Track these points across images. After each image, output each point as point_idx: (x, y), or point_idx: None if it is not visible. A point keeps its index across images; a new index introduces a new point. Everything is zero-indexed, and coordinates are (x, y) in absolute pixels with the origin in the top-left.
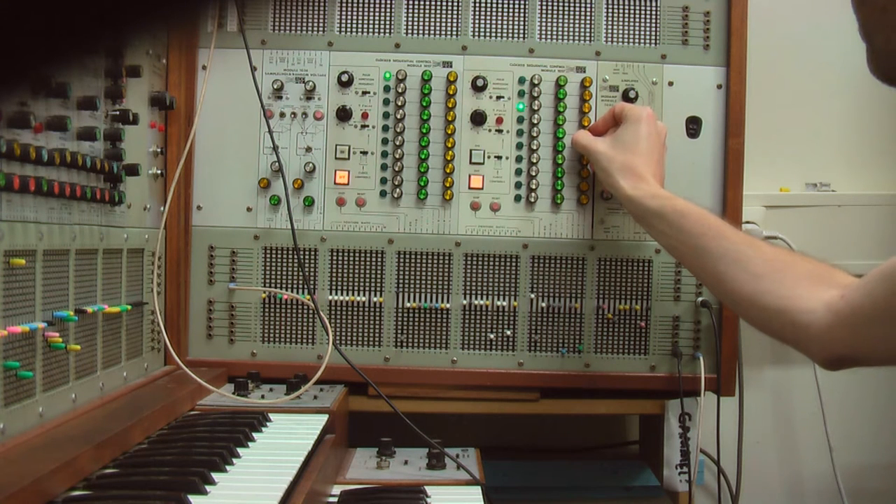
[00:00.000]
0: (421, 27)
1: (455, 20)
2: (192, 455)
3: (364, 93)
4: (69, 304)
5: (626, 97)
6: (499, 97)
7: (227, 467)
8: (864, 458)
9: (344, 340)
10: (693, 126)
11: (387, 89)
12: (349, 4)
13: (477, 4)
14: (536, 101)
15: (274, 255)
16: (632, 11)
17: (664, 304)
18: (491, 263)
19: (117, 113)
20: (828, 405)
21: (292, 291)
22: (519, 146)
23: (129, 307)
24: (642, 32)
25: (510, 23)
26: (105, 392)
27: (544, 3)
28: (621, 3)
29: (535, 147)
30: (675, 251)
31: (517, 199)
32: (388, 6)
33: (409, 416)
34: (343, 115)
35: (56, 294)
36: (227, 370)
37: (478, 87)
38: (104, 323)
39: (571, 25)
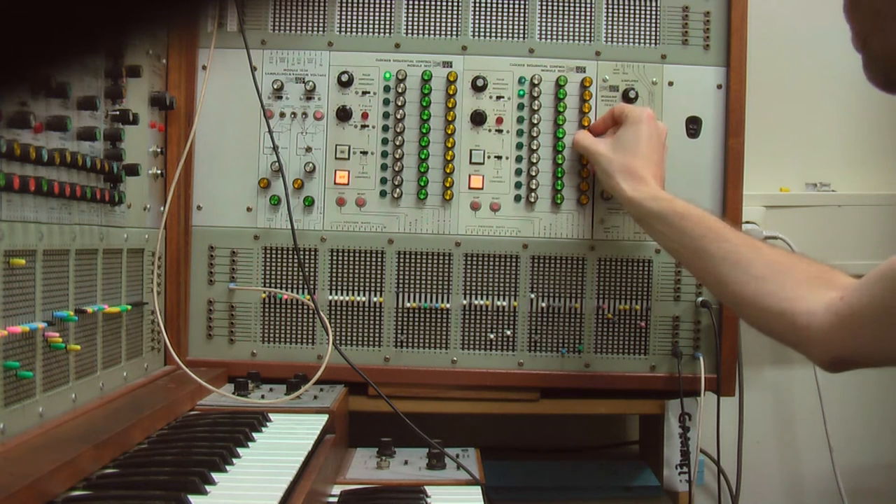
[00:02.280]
0: (421, 27)
1: (455, 20)
2: (192, 455)
3: (364, 93)
4: (69, 304)
5: (626, 97)
6: (499, 97)
7: (227, 467)
8: (864, 458)
9: (344, 340)
10: (693, 126)
11: (387, 89)
12: (349, 4)
13: (477, 4)
14: (536, 101)
15: (274, 255)
16: (632, 11)
17: (664, 304)
18: (491, 263)
19: (117, 113)
20: (828, 405)
21: (292, 291)
22: (519, 146)
23: (129, 307)
24: (642, 32)
25: (510, 23)
26: (105, 392)
27: (544, 3)
28: (621, 3)
29: (535, 147)
30: (675, 253)
31: (517, 199)
32: (388, 6)
33: (409, 416)
34: (343, 115)
35: (56, 294)
36: (227, 370)
37: (478, 87)
38: (104, 323)
39: (571, 25)
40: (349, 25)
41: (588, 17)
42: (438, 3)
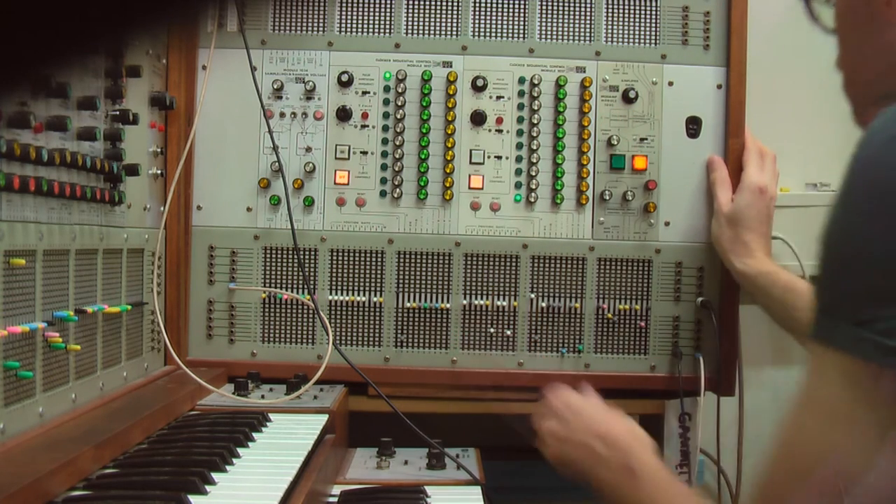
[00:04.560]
0: (421, 27)
1: (455, 20)
2: (192, 455)
3: (364, 93)
4: (69, 304)
5: (626, 97)
6: (499, 97)
7: (227, 467)
8: None
9: (344, 340)
10: (693, 126)
11: (387, 89)
12: (349, 4)
13: (477, 4)
14: (536, 101)
15: (274, 255)
16: (632, 11)
17: (664, 304)
18: (491, 263)
19: (117, 113)
20: None
21: (292, 291)
22: (519, 146)
23: (129, 307)
24: (642, 32)
25: (510, 23)
26: (105, 392)
27: (544, 3)
28: (621, 3)
29: (535, 147)
30: (781, 322)
31: (517, 199)
32: (388, 6)
33: (409, 416)
34: (343, 115)
35: (56, 294)
36: (227, 370)
37: (478, 87)
38: (104, 323)
39: (571, 25)
40: (349, 25)
41: (588, 17)
42: (438, 3)
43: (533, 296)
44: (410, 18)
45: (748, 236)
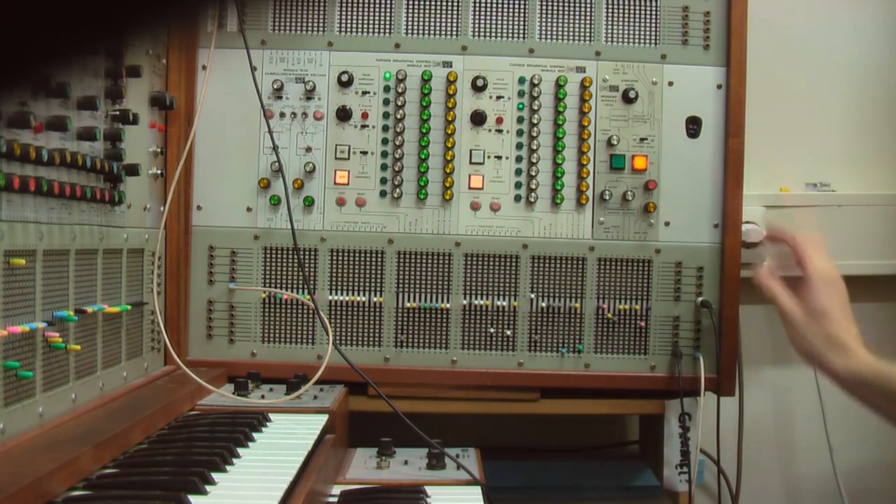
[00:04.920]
0: (421, 27)
1: (455, 20)
2: (192, 455)
3: (364, 93)
4: (69, 304)
5: (626, 97)
6: (499, 97)
7: (227, 467)
8: (864, 458)
9: (344, 340)
10: (693, 126)
11: (387, 89)
12: (349, 4)
13: (477, 4)
14: (536, 101)
15: (274, 255)
16: (632, 11)
17: (664, 304)
18: (491, 263)
19: (117, 113)
20: (828, 405)
21: (292, 291)
22: (519, 146)
23: (129, 307)
24: (642, 32)
25: (510, 23)
26: (105, 392)
27: (544, 3)
28: (621, 3)
29: (535, 147)
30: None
31: (517, 199)
32: (388, 6)
33: (409, 416)
34: (343, 115)
35: (56, 294)
36: (227, 370)
37: (478, 87)
38: (104, 323)
39: (571, 25)
40: (349, 25)
41: (588, 17)
42: (438, 3)
43: (533, 296)
44: (410, 18)
45: (837, 330)
